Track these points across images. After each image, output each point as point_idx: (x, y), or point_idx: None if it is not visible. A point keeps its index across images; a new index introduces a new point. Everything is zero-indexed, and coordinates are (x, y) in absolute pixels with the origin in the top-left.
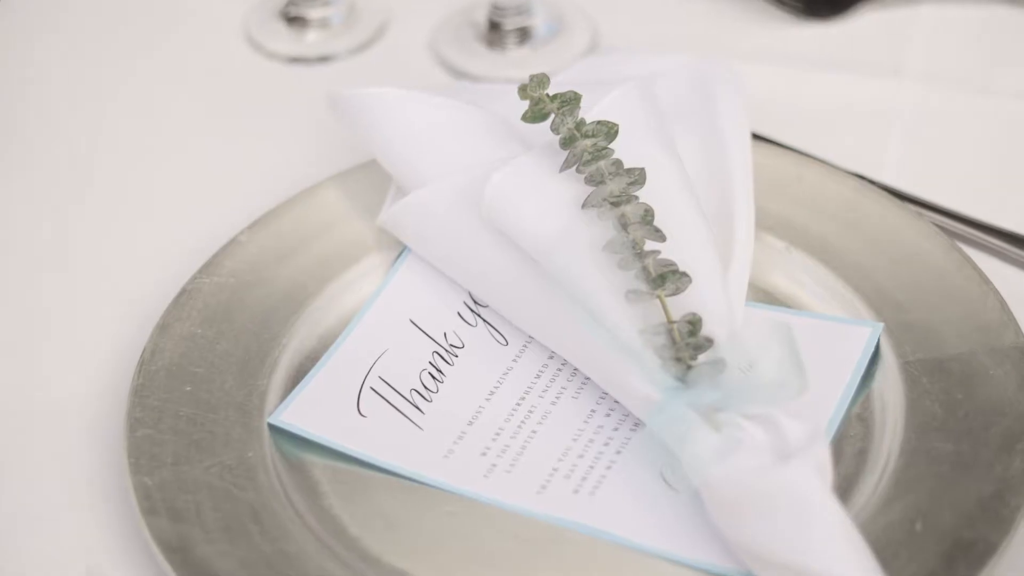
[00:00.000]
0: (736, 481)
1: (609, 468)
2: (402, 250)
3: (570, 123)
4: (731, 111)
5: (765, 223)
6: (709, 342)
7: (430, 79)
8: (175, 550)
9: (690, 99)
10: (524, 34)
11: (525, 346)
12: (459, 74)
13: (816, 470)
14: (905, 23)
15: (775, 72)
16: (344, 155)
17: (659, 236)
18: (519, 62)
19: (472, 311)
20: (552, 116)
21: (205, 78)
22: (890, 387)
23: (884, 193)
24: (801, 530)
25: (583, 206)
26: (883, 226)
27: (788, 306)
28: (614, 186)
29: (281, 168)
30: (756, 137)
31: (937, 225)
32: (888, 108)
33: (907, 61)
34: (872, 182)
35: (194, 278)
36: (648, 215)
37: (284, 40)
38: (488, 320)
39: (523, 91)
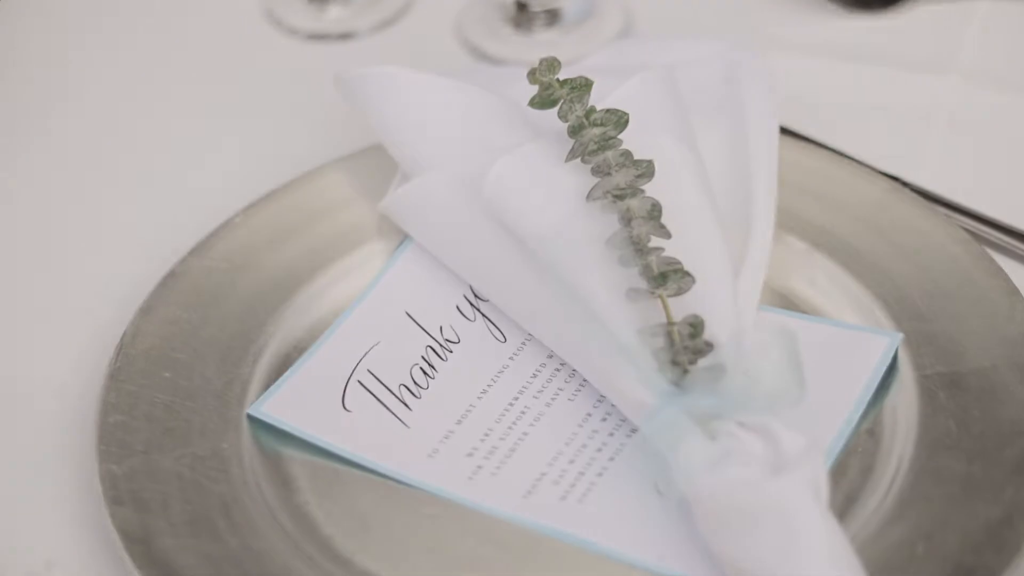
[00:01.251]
0: (725, 493)
1: (600, 475)
2: (404, 238)
3: (579, 110)
4: (759, 105)
5: (788, 223)
6: (709, 346)
7: (453, 61)
8: (137, 541)
9: (716, 90)
10: (553, 16)
11: (524, 344)
12: (484, 56)
13: (810, 485)
14: (960, 18)
15: (815, 64)
16: (362, 137)
17: (663, 232)
18: (547, 45)
19: (472, 305)
20: (561, 102)
21: (220, 53)
22: (904, 401)
23: (915, 196)
24: (789, 548)
25: (587, 198)
26: (911, 230)
27: (805, 312)
28: (620, 178)
29: (294, 148)
30: (788, 132)
31: (970, 231)
32: (932, 106)
33: (957, 58)
34: (906, 184)
35: (183, 260)
36: (655, 210)
37: (304, 16)
38: (488, 315)
39: (532, 75)
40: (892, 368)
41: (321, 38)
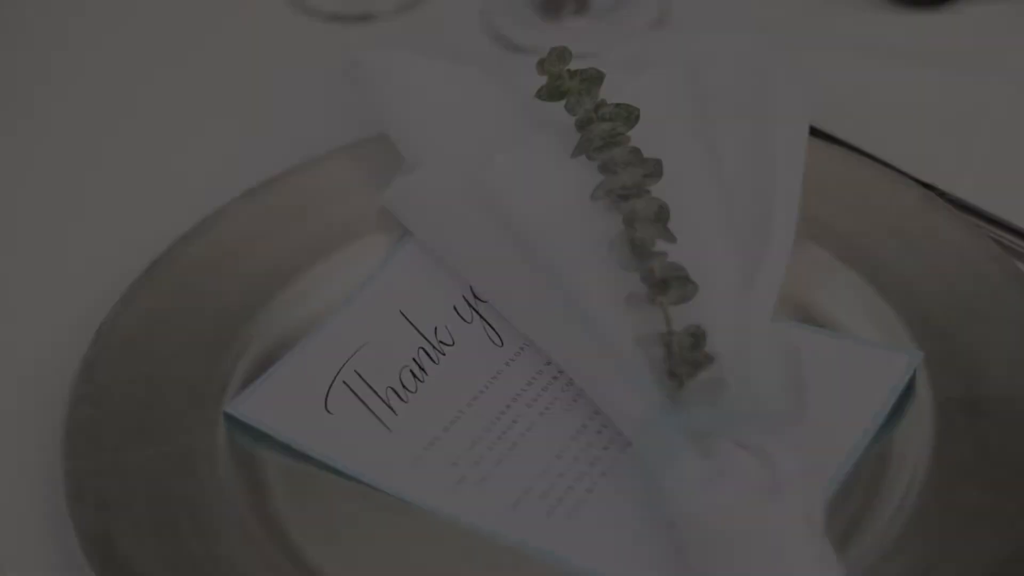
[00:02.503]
0: (714, 514)
1: (590, 491)
2: (402, 234)
3: (588, 103)
4: (788, 106)
5: (811, 231)
6: (709, 359)
7: (477, 47)
8: (97, 542)
9: (743, 89)
10: (583, 3)
11: (522, 349)
12: (508, 44)
13: (803, 510)
14: (1014, 18)
15: (855, 62)
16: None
17: (668, 236)
18: (576, 34)
19: (470, 306)
20: (570, 95)
21: (236, 32)
22: (919, 424)
23: (949, 207)
24: (777, 575)
25: (591, 197)
26: (942, 243)
27: (821, 325)
28: (626, 177)
29: (311, 132)
30: (820, 134)
31: (1006, 246)
32: (977, 112)
33: (1009, 61)
34: (943, 193)
35: (170, 248)
36: (662, 212)
37: None
38: (486, 317)
39: (541, 65)
40: (910, 388)
41: (341, 19)
